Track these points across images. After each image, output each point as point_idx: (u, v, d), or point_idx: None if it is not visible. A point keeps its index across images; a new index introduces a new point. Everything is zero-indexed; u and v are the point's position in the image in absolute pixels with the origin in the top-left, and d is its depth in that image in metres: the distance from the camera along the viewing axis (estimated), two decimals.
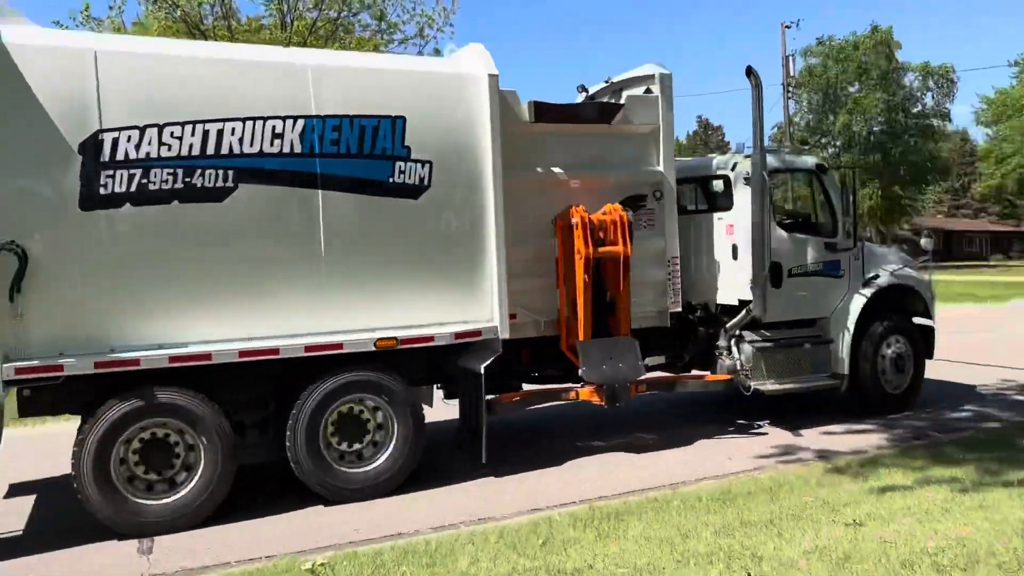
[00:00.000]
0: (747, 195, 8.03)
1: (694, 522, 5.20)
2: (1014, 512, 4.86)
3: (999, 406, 9.06)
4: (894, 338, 8.76)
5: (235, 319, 6.01)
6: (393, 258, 6.55)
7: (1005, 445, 6.84)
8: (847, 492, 5.70)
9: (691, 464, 7.09)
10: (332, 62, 6.68)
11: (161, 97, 5.83)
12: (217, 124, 5.94)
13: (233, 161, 5.98)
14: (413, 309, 6.61)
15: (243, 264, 6.08)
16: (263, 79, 6.24)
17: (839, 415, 8.65)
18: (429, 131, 6.63)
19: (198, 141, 5.88)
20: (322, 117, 6.25)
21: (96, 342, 5.63)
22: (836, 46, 52.08)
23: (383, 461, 6.52)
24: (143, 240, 5.77)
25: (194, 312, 5.91)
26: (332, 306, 6.31)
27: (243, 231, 6.05)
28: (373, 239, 6.47)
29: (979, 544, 4.35)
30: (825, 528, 4.88)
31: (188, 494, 5.88)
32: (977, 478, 5.79)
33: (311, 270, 6.26)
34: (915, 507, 5.15)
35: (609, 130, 7.69)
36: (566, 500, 6.11)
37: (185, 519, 5.85)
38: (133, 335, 5.74)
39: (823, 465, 6.66)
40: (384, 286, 6.52)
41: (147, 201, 5.75)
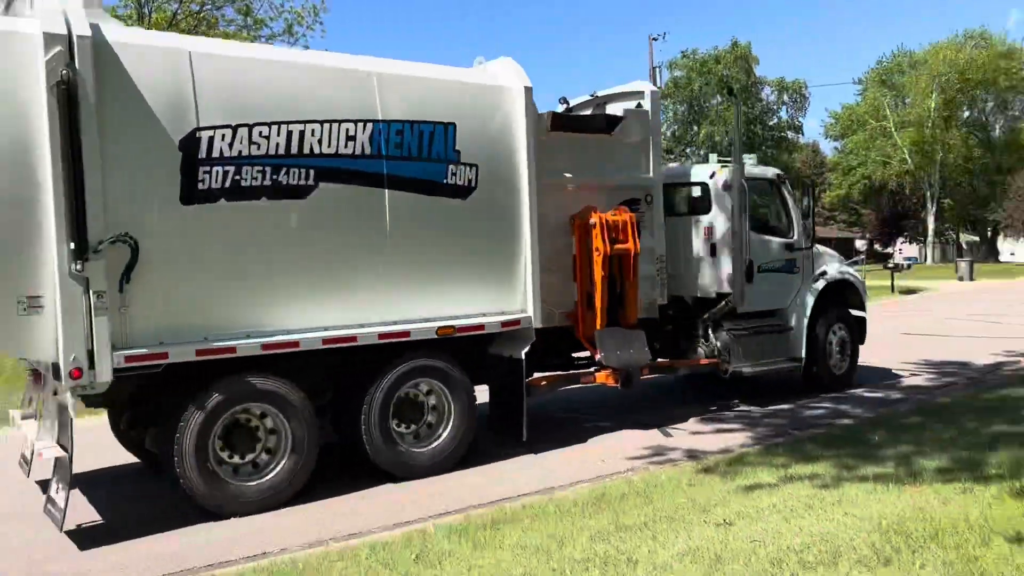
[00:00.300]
0: (724, 200, 9.20)
1: (570, 528, 5.16)
2: (871, 507, 5.06)
3: (852, 403, 9.56)
4: (838, 326, 10.23)
5: (316, 309, 6.42)
6: (446, 254, 7.12)
7: (858, 441, 7.17)
8: (717, 492, 5.81)
9: (566, 467, 7.10)
10: (393, 70, 7.05)
11: (250, 98, 6.13)
12: (299, 126, 6.28)
13: (314, 161, 6.34)
14: (462, 300, 7.21)
15: (322, 258, 6.47)
16: (337, 84, 6.64)
17: (699, 409, 8.90)
18: (475, 137, 7.21)
19: (283, 141, 6.21)
20: (387, 122, 6.71)
21: (191, 331, 5.88)
22: (699, 59, 54.31)
23: (443, 440, 7.15)
24: (235, 234, 6.06)
25: (280, 302, 6.28)
26: (396, 297, 6.82)
27: (322, 227, 6.44)
28: (429, 236, 7.00)
29: (841, 540, 4.50)
30: (697, 529, 4.93)
31: (275, 476, 6.26)
32: (836, 474, 6.02)
33: (379, 264, 6.74)
34: (780, 505, 5.28)
35: (610, 140, 8.43)
36: (441, 510, 5.95)
37: (271, 500, 6.21)
38: (225, 324, 6.02)
39: (693, 465, 6.79)
40: (438, 279, 7.08)
41: (239, 197, 6.04)
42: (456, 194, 7.12)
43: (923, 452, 6.44)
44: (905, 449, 6.63)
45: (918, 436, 7.16)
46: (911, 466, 6.01)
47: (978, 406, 8.55)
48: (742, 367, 9.25)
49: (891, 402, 9.52)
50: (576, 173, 8.22)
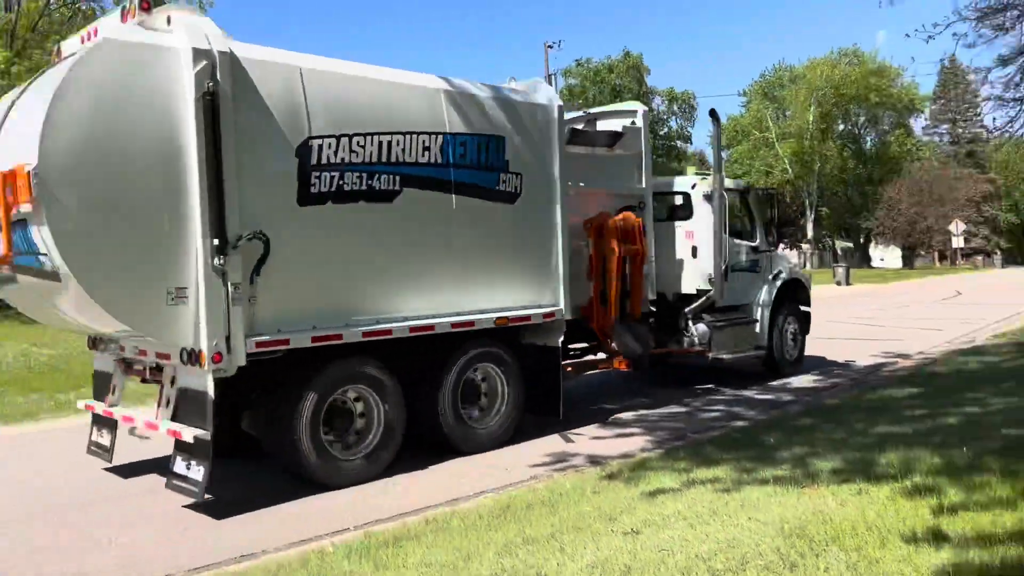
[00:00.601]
0: (705, 208, 10.47)
1: (476, 542, 4.98)
2: (773, 510, 5.11)
3: (745, 405, 9.80)
4: (791, 319, 11.81)
5: (401, 301, 7.19)
6: (497, 252, 8.03)
7: (755, 443, 7.29)
8: (622, 499, 5.76)
9: (468, 477, 6.93)
10: (455, 88, 7.81)
11: (349, 111, 6.81)
12: (388, 136, 7.02)
13: (399, 168, 7.10)
14: (509, 295, 8.12)
15: (406, 255, 7.24)
16: (415, 100, 7.36)
17: (600, 413, 8.91)
18: (519, 149, 8.13)
19: (376, 150, 6.93)
20: (453, 134, 7.53)
21: (303, 320, 6.51)
22: (593, 68, 55.24)
23: (499, 418, 8.11)
24: (338, 234, 6.74)
25: (374, 294, 7.04)
26: (461, 291, 7.67)
27: (406, 227, 7.21)
28: (485, 236, 7.88)
29: (747, 546, 4.50)
30: (605, 539, 4.85)
31: (370, 453, 6.99)
32: (736, 477, 6.07)
33: (448, 260, 7.57)
34: (686, 511, 5.27)
35: (611, 153, 9.68)
36: (339, 527, 5.68)
37: (364, 474, 6.91)
38: (330, 314, 6.69)
39: (596, 471, 6.74)
40: (490, 275, 7.95)
41: (342, 199, 6.72)
42: (505, 199, 8.06)
43: (817, 453, 6.58)
44: (800, 451, 6.77)
45: (810, 437, 7.34)
46: (807, 468, 6.12)
47: (863, 406, 8.88)
48: (721, 354, 10.59)
49: (782, 404, 9.80)
50: (586, 183, 9.12)
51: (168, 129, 5.78)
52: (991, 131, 13.18)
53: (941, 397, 8.86)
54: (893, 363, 12.58)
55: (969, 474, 5.42)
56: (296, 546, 5.32)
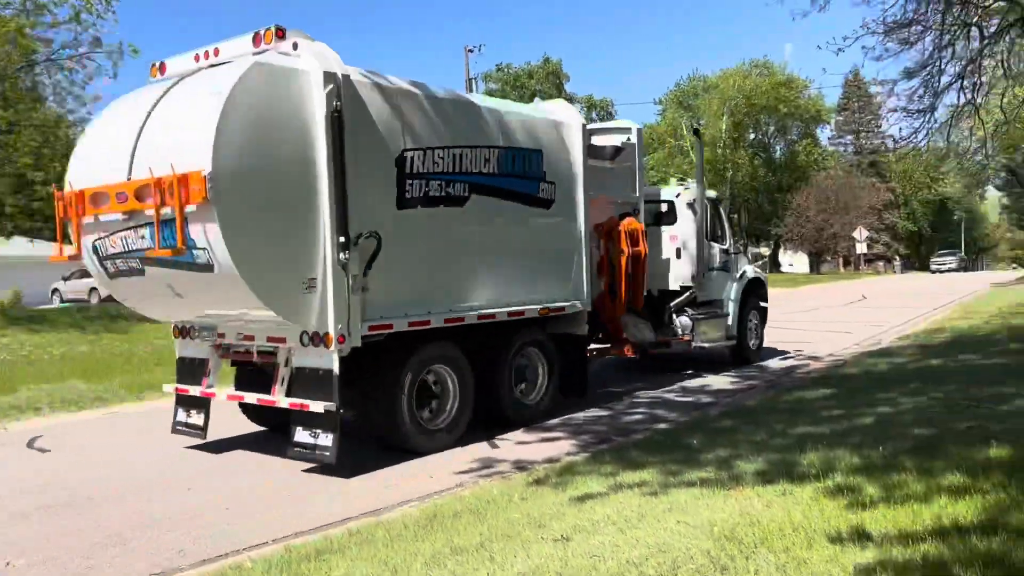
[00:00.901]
0: (687, 214, 12.03)
1: (402, 554, 4.82)
2: (701, 513, 5.12)
3: (666, 407, 9.89)
4: (753, 313, 13.37)
5: (470, 293, 8.36)
6: (538, 251, 9.26)
7: (679, 446, 7.33)
8: (550, 504, 5.68)
9: (392, 486, 6.76)
10: (503, 108, 9.21)
11: (432, 127, 7.86)
12: (459, 150, 8.11)
13: (468, 177, 8.19)
14: (547, 288, 9.35)
15: (473, 253, 8.41)
16: (477, 117, 8.51)
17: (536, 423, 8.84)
18: (553, 161, 9.33)
19: (451, 162, 8.01)
20: (504, 148, 8.66)
21: (398, 308, 7.49)
22: (513, 74, 55.45)
23: (542, 396, 9.38)
24: (425, 234, 7.79)
25: (451, 287, 8.18)
26: (512, 284, 8.86)
27: (473, 229, 8.36)
28: (528, 237, 9.10)
29: (677, 550, 4.48)
30: (535, 546, 4.76)
31: (448, 424, 8.10)
32: (663, 480, 6.07)
33: (503, 257, 8.77)
34: (614, 515, 5.23)
35: (612, 165, 10.86)
36: (257, 540, 5.43)
37: (446, 441, 8.01)
38: (418, 303, 7.75)
39: (523, 477, 6.65)
40: (531, 271, 9.13)
41: (428, 204, 7.79)
42: (543, 205, 9.24)
43: (740, 455, 6.65)
44: (723, 453, 6.84)
45: (733, 439, 7.43)
46: (732, 469, 6.18)
47: (781, 408, 9.06)
48: (702, 343, 12.04)
49: (702, 405, 9.93)
50: (596, 191, 10.12)
51: (303, 141, 6.68)
52: (897, 141, 13.72)
53: (854, 398, 9.12)
54: (806, 365, 12.95)
55: (887, 473, 5.55)
56: (212, 563, 5.07)
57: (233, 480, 7.15)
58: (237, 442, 8.64)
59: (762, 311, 13.72)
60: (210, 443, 8.33)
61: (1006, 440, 6.15)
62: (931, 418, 7.54)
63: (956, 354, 12.14)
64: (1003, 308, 20.00)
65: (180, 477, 7.33)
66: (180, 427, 8.38)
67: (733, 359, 13.11)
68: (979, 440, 6.25)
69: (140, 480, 7.28)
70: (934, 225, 78.54)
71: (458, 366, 8.15)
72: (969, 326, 16.31)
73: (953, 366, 10.93)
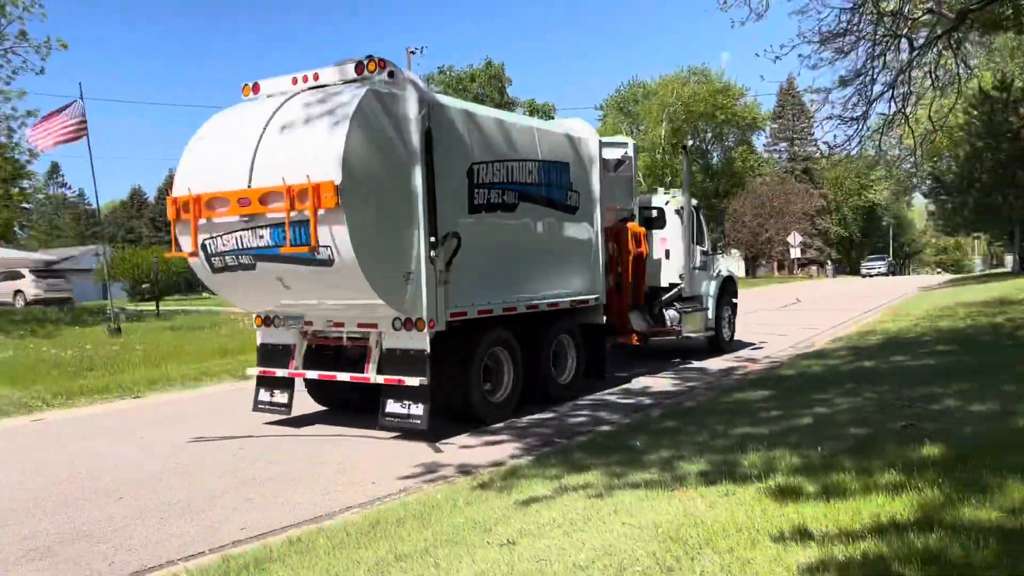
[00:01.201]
0: (675, 220, 13.63)
1: (345, 562, 4.71)
2: (645, 515, 5.12)
3: (608, 409, 9.93)
4: (727, 308, 15.13)
5: (518, 286, 9.69)
6: (567, 251, 10.64)
7: (623, 448, 7.35)
8: (496, 509, 5.63)
9: (334, 492, 6.62)
10: (537, 125, 10.91)
11: (490, 143, 9.17)
12: (510, 163, 9.42)
13: (517, 187, 9.51)
14: (573, 283, 10.75)
15: (522, 252, 9.78)
16: (522, 134, 9.80)
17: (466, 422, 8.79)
18: (576, 172, 10.71)
19: (505, 173, 9.31)
20: (541, 161, 9.96)
21: (466, 299, 8.70)
22: (456, 76, 55.32)
23: (572, 376, 10.78)
24: (486, 235, 9.02)
25: (504, 281, 9.47)
26: (548, 279, 10.25)
27: (521, 232, 9.72)
28: (559, 239, 10.47)
29: (623, 552, 4.47)
30: (481, 551, 4.70)
31: (504, 398, 9.48)
32: (607, 482, 6.07)
33: (542, 255, 10.13)
34: (560, 518, 5.20)
35: (617, 175, 12.34)
36: (194, 551, 5.25)
37: (503, 413, 9.41)
38: (482, 295, 9.03)
39: (468, 481, 6.59)
40: (561, 268, 10.50)
41: (489, 210, 9.09)
42: (570, 211, 10.59)
43: (683, 456, 6.70)
44: (666, 454, 6.87)
45: (675, 440, 7.48)
46: (675, 470, 6.21)
47: (721, 409, 9.17)
48: (689, 334, 13.65)
49: (643, 407, 10.00)
50: (605, 199, 11.46)
51: (404, 156, 7.93)
52: (832, 147, 14.12)
53: (792, 399, 9.29)
54: (744, 367, 13.17)
55: (826, 472, 5.64)
56: (145, 574, 4.88)
57: (163, 491, 6.91)
58: (159, 455, 8.39)
59: (733, 306, 15.49)
60: (132, 452, 8.06)
61: (938, 439, 6.32)
62: (866, 418, 7.71)
63: (887, 356, 12.48)
64: (930, 311, 20.68)
65: (108, 486, 7.06)
66: (263, 405, 9.47)
67: (710, 348, 14.82)
68: (913, 439, 6.41)
69: (67, 490, 6.99)
70: (864, 230, 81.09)
71: (512, 349, 9.52)
72: (899, 329, 16.80)
73: (885, 367, 11.22)
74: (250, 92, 8.91)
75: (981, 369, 10.17)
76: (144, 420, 10.27)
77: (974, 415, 7.44)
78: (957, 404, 8.00)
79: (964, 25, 12.72)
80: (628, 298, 12.16)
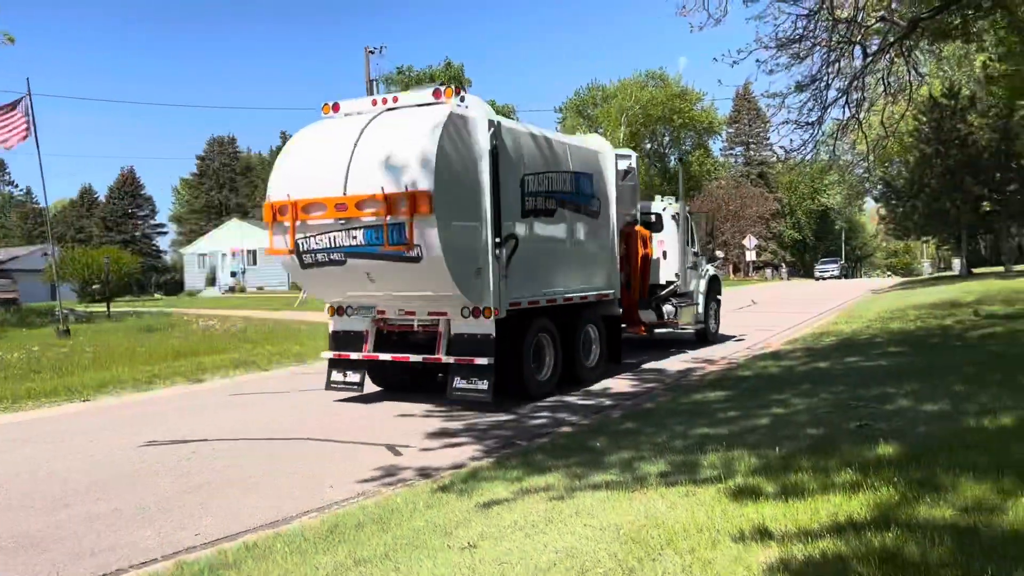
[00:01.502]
0: (672, 224, 15.51)
1: (303, 567, 4.62)
2: (607, 516, 5.11)
3: (568, 410, 9.93)
4: (713, 303, 16.91)
5: (556, 281, 11.18)
6: (591, 251, 12.20)
7: (583, 449, 7.36)
8: (456, 512, 5.57)
9: (291, 497, 6.48)
10: (570, 142, 12.18)
11: (535, 157, 10.61)
12: (551, 174, 10.90)
13: (556, 194, 11.01)
14: (597, 279, 12.34)
15: (560, 252, 11.28)
16: (558, 149, 11.30)
17: (426, 423, 8.72)
18: (597, 181, 12.31)
19: (547, 183, 10.77)
20: (573, 172, 11.51)
21: (518, 291, 10.14)
22: (415, 76, 55.08)
23: (598, 360, 12.24)
24: (533, 236, 10.52)
25: (546, 276, 10.92)
26: (577, 276, 11.72)
27: (559, 234, 11.27)
28: (586, 240, 12.00)
29: (585, 554, 4.46)
30: (442, 555, 4.65)
31: (548, 376, 10.93)
32: (568, 483, 6.05)
33: (573, 255, 11.61)
34: (522, 521, 5.17)
35: (623, 184, 13.48)
36: (146, 559, 5.10)
37: (547, 389, 10.83)
38: (529, 288, 10.45)
39: (428, 484, 6.53)
40: (588, 266, 12.07)
41: (535, 215, 10.57)
42: (594, 216, 12.16)
43: (643, 457, 6.71)
44: (627, 455, 6.88)
45: (635, 441, 7.50)
46: (635, 472, 6.22)
47: (680, 410, 9.22)
48: (685, 326, 15.71)
49: (603, 408, 10.02)
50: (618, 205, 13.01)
51: (476, 169, 9.41)
52: (788, 151, 14.33)
53: (749, 399, 9.38)
54: (702, 368, 13.28)
55: (784, 472, 5.69)
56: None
57: (113, 496, 6.73)
58: (109, 459, 8.18)
59: (718, 302, 17.38)
60: (81, 457, 7.84)
61: (893, 438, 6.43)
62: (822, 418, 7.81)
63: (842, 357, 12.69)
64: (881, 313, 21.10)
65: (55, 492, 6.84)
66: (336, 385, 10.77)
67: (698, 339, 16.66)
68: (868, 439, 6.51)
69: (11, 497, 6.76)
70: (817, 234, 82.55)
71: (552, 335, 10.93)
72: (852, 330, 17.09)
73: (839, 368, 11.40)
74: (330, 111, 10.40)
75: (931, 370, 10.38)
76: (94, 424, 10.01)
77: (926, 415, 7.59)
78: (909, 404, 8.15)
79: (915, 33, 13.00)
80: (636, 293, 13.82)
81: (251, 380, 13.64)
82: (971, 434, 6.54)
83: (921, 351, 12.68)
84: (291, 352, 16.83)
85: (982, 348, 12.45)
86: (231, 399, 11.64)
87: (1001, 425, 6.73)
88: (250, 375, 14.28)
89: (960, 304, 21.23)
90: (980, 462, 5.42)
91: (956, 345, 13.30)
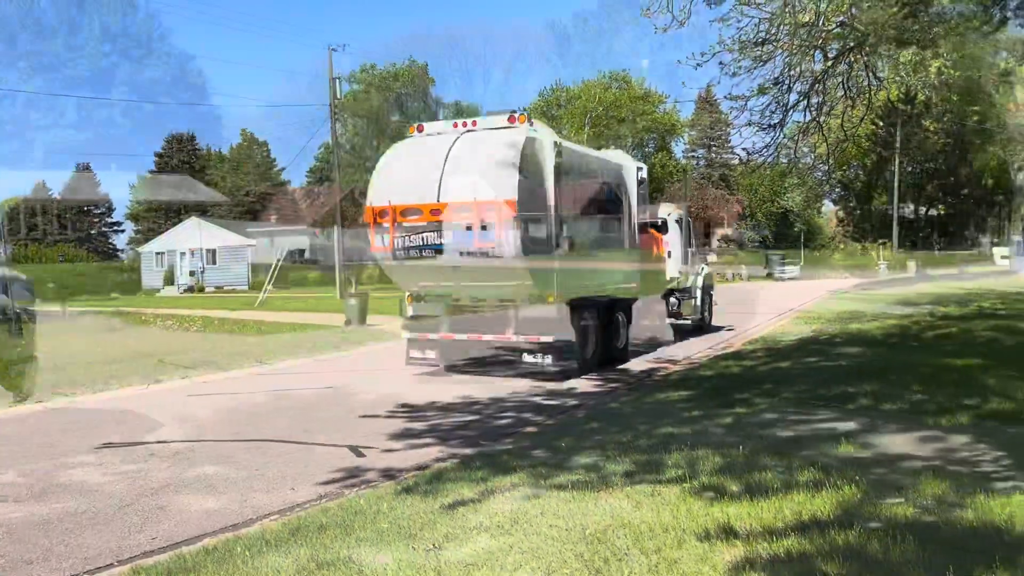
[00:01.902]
0: (675, 228, 17.14)
1: (264, 570, 4.53)
2: (573, 517, 5.10)
3: (534, 410, 9.91)
4: (708, 296, 18.80)
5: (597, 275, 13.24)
6: (619, 250, 14.00)
7: (548, 449, 7.34)
8: (421, 513, 5.51)
9: (251, 499, 6.37)
10: (603, 156, 14.58)
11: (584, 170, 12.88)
12: (594, 184, 13.14)
13: (596, 202, 13.15)
14: (622, 274, 14.13)
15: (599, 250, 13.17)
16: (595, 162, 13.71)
17: (389, 424, 8.65)
18: (623, 191, 14.18)
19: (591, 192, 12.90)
20: (606, 182, 13.62)
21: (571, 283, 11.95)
22: (379, 75, 54.73)
23: (624, 344, 14.06)
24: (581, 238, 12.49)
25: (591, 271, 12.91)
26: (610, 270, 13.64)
27: (598, 235, 13.33)
28: (616, 240, 13.99)
29: (551, 555, 4.44)
30: (406, 557, 4.59)
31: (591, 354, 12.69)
32: (534, 483, 6.02)
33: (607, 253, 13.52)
34: (487, 522, 5.13)
35: (639, 192, 14.87)
36: (101, 563, 4.97)
37: (589, 366, 12.54)
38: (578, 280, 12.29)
39: (391, 486, 6.44)
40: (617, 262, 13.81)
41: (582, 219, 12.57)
42: (621, 220, 14.04)
43: (608, 457, 6.71)
44: (591, 455, 6.87)
45: (600, 441, 7.49)
46: (600, 471, 6.22)
47: (644, 409, 9.26)
48: (688, 317, 17.62)
49: (568, 408, 10.02)
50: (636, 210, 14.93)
51: (544, 181, 11.15)
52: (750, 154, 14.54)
53: (712, 399, 9.45)
54: (664, 368, 13.35)
55: (748, 472, 5.73)
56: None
57: (67, 500, 6.55)
58: (63, 462, 7.97)
59: (711, 296, 19.21)
60: (34, 460, 7.63)
61: (854, 438, 6.51)
62: (784, 417, 7.89)
63: (802, 357, 12.87)
64: (840, 313, 21.45)
65: (6, 495, 6.64)
66: (415, 360, 12.64)
67: (695, 329, 18.08)
68: (830, 438, 6.58)
69: None
70: (777, 236, 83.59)
71: (597, 319, 12.83)
72: (812, 330, 17.36)
73: (800, 368, 11.56)
74: (415, 131, 12.47)
75: (890, 369, 10.55)
76: (48, 426, 9.76)
77: (886, 414, 7.70)
78: (869, 403, 8.26)
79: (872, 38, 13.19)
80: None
81: (210, 381, 13.41)
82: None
83: (879, 351, 12.90)
84: (251, 353, 16.60)
85: (938, 348, 12.70)
86: (190, 400, 11.43)
87: (959, 424, 6.85)
88: (209, 375, 14.04)
89: (915, 304, 21.65)
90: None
91: (913, 345, 13.57)
